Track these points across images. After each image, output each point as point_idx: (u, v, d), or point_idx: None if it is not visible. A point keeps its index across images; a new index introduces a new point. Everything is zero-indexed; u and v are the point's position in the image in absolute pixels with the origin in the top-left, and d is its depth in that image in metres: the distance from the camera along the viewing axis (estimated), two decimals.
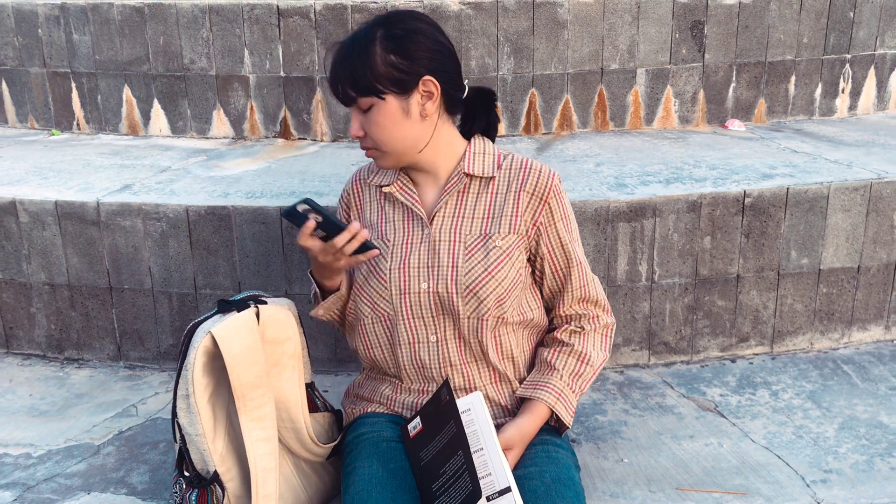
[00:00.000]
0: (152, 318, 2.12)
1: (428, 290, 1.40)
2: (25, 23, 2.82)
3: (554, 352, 1.48)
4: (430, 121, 1.39)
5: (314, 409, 1.50)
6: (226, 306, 1.37)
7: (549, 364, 1.46)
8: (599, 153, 2.47)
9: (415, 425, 1.39)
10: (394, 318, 1.43)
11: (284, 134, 2.73)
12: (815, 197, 2.08)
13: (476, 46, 2.60)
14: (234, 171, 2.34)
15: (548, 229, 1.45)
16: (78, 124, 2.90)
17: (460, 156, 1.46)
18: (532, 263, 1.48)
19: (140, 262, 2.08)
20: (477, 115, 1.49)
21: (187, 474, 1.36)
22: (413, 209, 1.44)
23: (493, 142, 1.51)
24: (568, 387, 1.44)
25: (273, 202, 2.02)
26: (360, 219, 1.50)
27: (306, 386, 1.48)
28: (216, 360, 1.32)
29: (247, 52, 2.64)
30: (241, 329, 1.32)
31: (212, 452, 1.33)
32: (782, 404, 1.90)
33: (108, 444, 1.79)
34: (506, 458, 1.28)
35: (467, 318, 1.40)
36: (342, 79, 1.36)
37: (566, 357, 1.46)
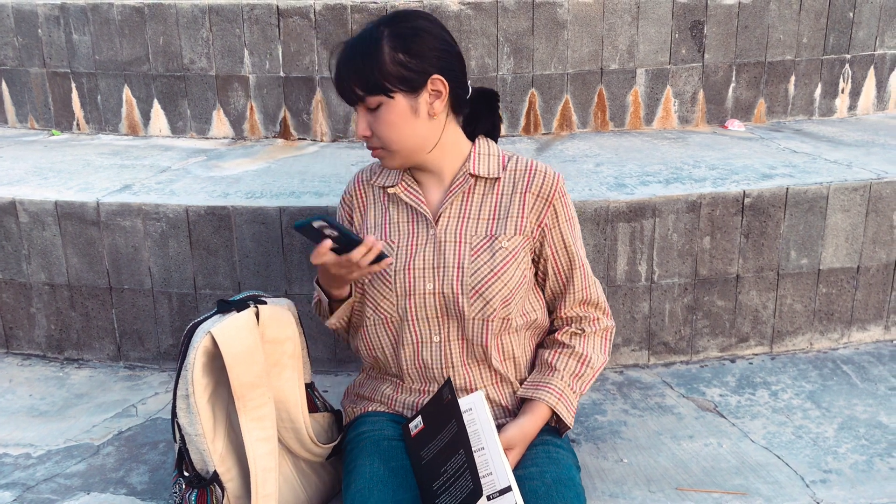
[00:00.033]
0: (152, 319, 2.12)
1: (433, 290, 1.40)
2: (25, 23, 2.82)
3: (555, 353, 1.48)
4: (438, 120, 1.39)
5: (314, 409, 1.50)
6: (225, 306, 1.37)
7: (550, 365, 1.46)
8: (599, 153, 2.47)
9: (416, 424, 1.39)
10: (397, 320, 1.43)
11: (284, 134, 2.73)
12: (815, 197, 2.08)
13: (476, 46, 2.60)
14: (234, 171, 2.34)
15: (552, 231, 1.45)
16: (78, 124, 2.90)
17: (465, 156, 1.45)
18: (535, 265, 1.47)
19: (140, 262, 2.08)
20: (481, 115, 1.48)
21: (187, 474, 1.36)
22: (418, 210, 1.44)
23: (496, 143, 1.51)
24: (569, 387, 1.44)
25: (273, 202, 2.02)
26: (363, 220, 1.49)
27: (306, 386, 1.48)
28: (216, 360, 1.32)
29: (247, 53, 2.64)
30: (240, 329, 1.32)
31: (211, 452, 1.33)
32: (782, 404, 1.90)
33: (107, 445, 1.79)
34: (507, 457, 1.28)
35: (472, 320, 1.40)
36: (349, 78, 1.35)
37: (567, 358, 1.46)
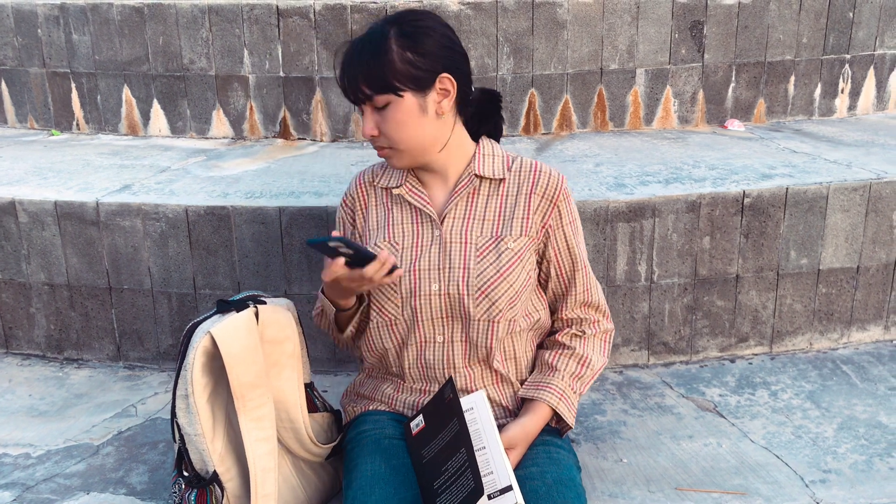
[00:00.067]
0: (152, 319, 2.12)
1: (439, 291, 1.39)
2: (25, 23, 2.82)
3: (555, 354, 1.48)
4: (446, 119, 1.39)
5: (313, 409, 1.50)
6: (225, 306, 1.37)
7: (551, 365, 1.46)
8: (599, 153, 2.47)
9: (417, 423, 1.39)
10: (402, 321, 1.43)
11: (284, 134, 2.73)
12: (815, 197, 2.08)
13: (475, 46, 2.60)
14: (234, 171, 2.34)
15: (556, 232, 1.45)
16: (77, 124, 2.90)
17: (470, 157, 1.45)
18: (538, 266, 1.47)
19: (139, 262, 2.08)
20: (485, 116, 1.48)
21: (186, 474, 1.36)
22: (423, 210, 1.43)
23: (498, 143, 1.51)
24: (570, 387, 1.44)
25: (272, 202, 2.02)
26: (366, 222, 1.49)
27: (305, 386, 1.48)
28: (215, 360, 1.32)
29: (246, 53, 2.64)
30: (240, 329, 1.32)
31: (211, 452, 1.32)
32: (781, 404, 1.90)
33: (107, 445, 1.78)
34: (508, 457, 1.28)
35: (478, 320, 1.40)
36: (357, 76, 1.34)
37: (567, 360, 1.47)
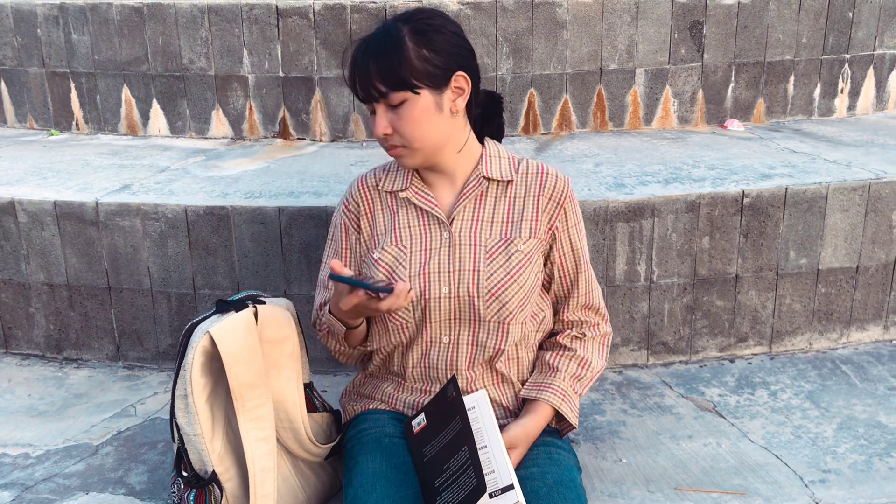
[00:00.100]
0: (151, 319, 2.12)
1: (448, 294, 1.39)
2: (24, 23, 2.82)
3: (556, 355, 1.48)
4: (459, 118, 1.38)
5: (312, 409, 1.50)
6: (224, 306, 1.37)
7: (552, 366, 1.47)
8: (598, 153, 2.47)
9: (419, 421, 1.39)
10: (411, 324, 1.42)
11: (283, 134, 2.73)
12: (814, 197, 2.08)
13: (475, 46, 2.57)
14: (233, 171, 2.34)
15: (561, 234, 1.44)
16: (77, 124, 2.90)
17: (477, 158, 1.44)
18: (542, 267, 1.48)
19: (139, 262, 2.08)
20: (488, 117, 1.48)
21: (185, 474, 1.36)
22: (432, 213, 1.42)
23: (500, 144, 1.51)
24: (571, 388, 1.44)
25: (272, 202, 2.02)
26: (372, 226, 1.47)
27: (305, 386, 1.48)
28: (214, 360, 1.32)
29: (246, 53, 2.64)
30: (239, 329, 1.32)
31: (210, 452, 1.32)
32: (781, 404, 1.90)
33: (106, 445, 1.78)
34: (509, 456, 1.28)
35: (489, 322, 1.39)
36: (371, 74, 1.31)
37: (568, 361, 1.47)
